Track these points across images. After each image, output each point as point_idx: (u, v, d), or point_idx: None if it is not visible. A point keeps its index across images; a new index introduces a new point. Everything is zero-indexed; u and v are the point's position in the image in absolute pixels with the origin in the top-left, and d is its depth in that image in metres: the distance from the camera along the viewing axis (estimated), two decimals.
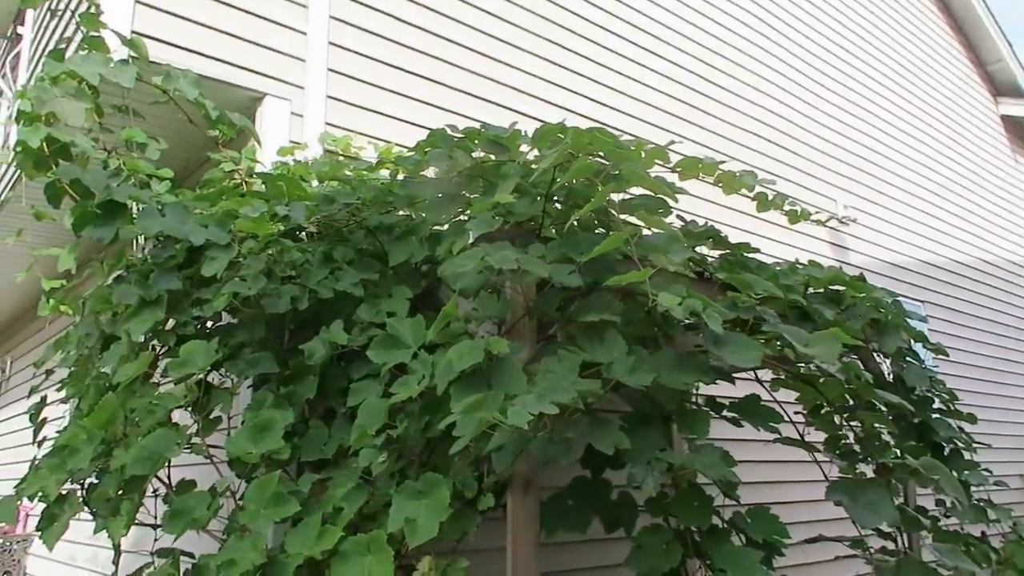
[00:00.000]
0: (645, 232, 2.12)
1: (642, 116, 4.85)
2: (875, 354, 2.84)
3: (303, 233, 2.60)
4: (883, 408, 2.52)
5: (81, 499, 2.11)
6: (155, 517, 2.19)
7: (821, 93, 6.47)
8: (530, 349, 2.03)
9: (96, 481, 2.17)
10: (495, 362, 1.81)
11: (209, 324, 2.37)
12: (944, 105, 8.20)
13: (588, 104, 4.56)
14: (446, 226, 2.27)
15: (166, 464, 2.00)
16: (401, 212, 2.51)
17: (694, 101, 5.26)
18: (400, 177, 2.71)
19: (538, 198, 2.17)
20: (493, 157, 2.26)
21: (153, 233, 2.18)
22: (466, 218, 2.23)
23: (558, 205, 2.28)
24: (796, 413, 2.63)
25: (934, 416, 2.73)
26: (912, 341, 2.86)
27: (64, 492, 2.09)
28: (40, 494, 2.00)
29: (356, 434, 1.93)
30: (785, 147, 5.89)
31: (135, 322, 2.14)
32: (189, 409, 2.17)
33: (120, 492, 2.06)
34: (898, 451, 2.50)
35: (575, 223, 2.17)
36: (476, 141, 2.27)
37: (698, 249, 2.55)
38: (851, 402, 2.53)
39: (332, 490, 1.98)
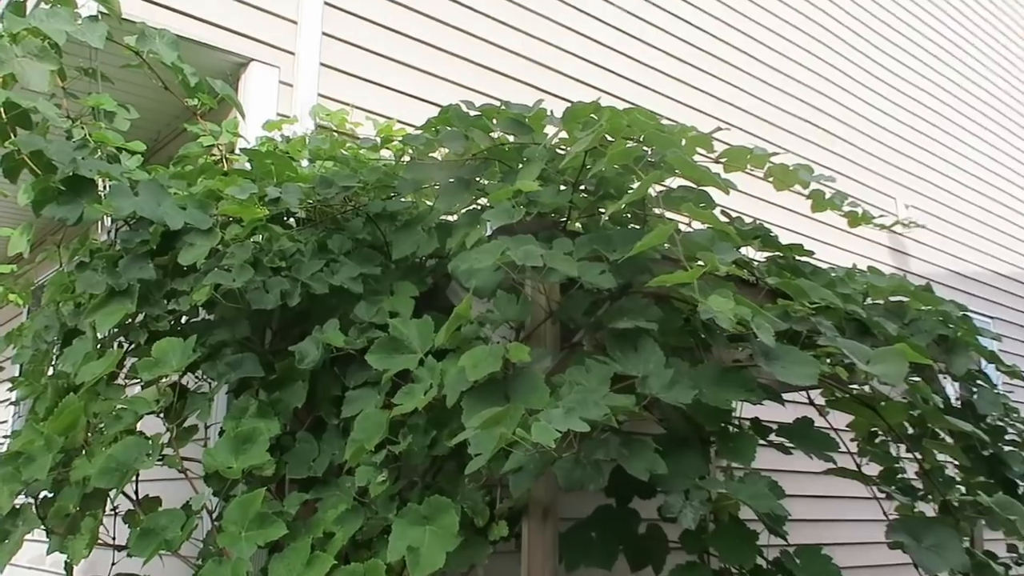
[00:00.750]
0: (684, 228, 2.13)
1: (680, 97, 4.86)
2: (940, 375, 2.85)
3: (291, 219, 2.62)
4: (948, 438, 2.53)
5: (36, 514, 2.13)
6: (113, 537, 2.21)
7: (882, 76, 6.47)
8: (553, 357, 2.04)
9: (50, 495, 2.19)
10: (513, 371, 1.83)
11: (184, 320, 2.39)
12: (1021, 96, 8.20)
13: (620, 82, 4.57)
14: (457, 215, 2.28)
15: (134, 477, 2.02)
16: (406, 198, 2.53)
17: (740, 83, 5.27)
18: (406, 159, 2.73)
19: (564, 187, 2.19)
20: (513, 139, 2.28)
21: (124, 214, 2.20)
22: (480, 207, 2.25)
23: (585, 195, 2.30)
24: (851, 440, 2.64)
25: (1007, 448, 2.73)
26: (984, 362, 2.87)
27: (17, 505, 2.11)
28: None
29: (352, 449, 1.95)
30: (838, 135, 5.90)
31: (102, 314, 2.16)
32: (161, 416, 2.19)
33: (79, 507, 2.08)
34: (963, 488, 2.51)
35: (606, 217, 2.18)
36: (495, 120, 2.28)
37: (742, 250, 2.56)
38: (911, 429, 2.54)
39: (322, 512, 2.00)
